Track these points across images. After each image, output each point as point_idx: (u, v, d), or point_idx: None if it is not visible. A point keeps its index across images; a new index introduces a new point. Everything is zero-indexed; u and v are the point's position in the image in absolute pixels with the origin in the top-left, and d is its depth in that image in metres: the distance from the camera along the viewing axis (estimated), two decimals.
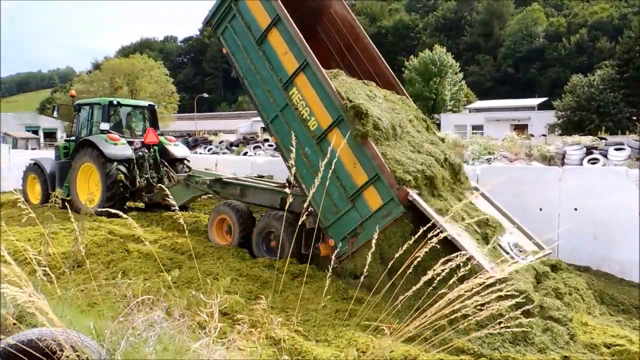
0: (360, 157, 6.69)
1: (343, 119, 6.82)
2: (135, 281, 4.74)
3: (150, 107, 13.22)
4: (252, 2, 7.85)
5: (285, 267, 6.79)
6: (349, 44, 9.48)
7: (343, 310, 5.65)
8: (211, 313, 2.02)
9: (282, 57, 7.58)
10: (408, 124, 7.74)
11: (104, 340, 2.31)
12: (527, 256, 6.37)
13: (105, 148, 11.03)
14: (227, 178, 9.70)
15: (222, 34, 8.50)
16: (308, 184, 7.29)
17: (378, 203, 6.57)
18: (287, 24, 7.36)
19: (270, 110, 7.89)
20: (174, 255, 8.00)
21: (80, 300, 4.07)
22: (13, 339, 1.99)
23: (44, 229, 3.82)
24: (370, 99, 7.50)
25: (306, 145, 7.36)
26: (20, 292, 1.85)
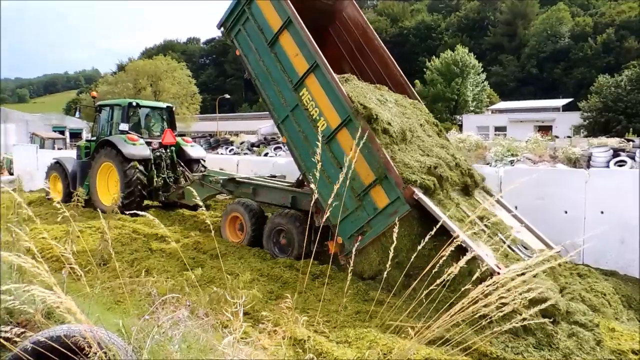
0: (368, 157, 6.76)
1: (351, 119, 6.93)
2: (159, 279, 4.81)
3: (168, 109, 13.54)
4: (264, 4, 8.01)
5: (305, 267, 6.84)
6: (360, 46, 9.59)
7: (364, 311, 5.63)
8: (235, 312, 2.04)
9: (293, 58, 7.75)
10: (419, 128, 7.83)
11: (130, 338, 2.36)
12: (533, 254, 6.23)
13: (124, 148, 11.32)
14: (240, 177, 9.93)
15: (236, 36, 8.68)
16: (318, 182, 6.97)
17: (385, 201, 6.65)
18: (298, 26, 7.52)
19: (281, 111, 8.05)
20: (195, 254, 8.09)
21: (105, 298, 4.15)
22: (42, 335, 2.04)
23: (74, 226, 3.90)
24: (381, 103, 7.61)
25: (315, 144, 7.22)
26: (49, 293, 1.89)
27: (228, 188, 9.89)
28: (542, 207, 8.14)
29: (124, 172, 11.26)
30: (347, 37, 9.76)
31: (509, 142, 18.60)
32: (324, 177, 7.34)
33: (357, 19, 9.63)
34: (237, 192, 9.72)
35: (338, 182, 4.18)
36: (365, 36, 9.60)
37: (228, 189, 9.89)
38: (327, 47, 9.65)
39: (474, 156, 17.06)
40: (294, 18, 7.51)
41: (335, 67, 8.78)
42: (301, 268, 7.17)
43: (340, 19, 9.80)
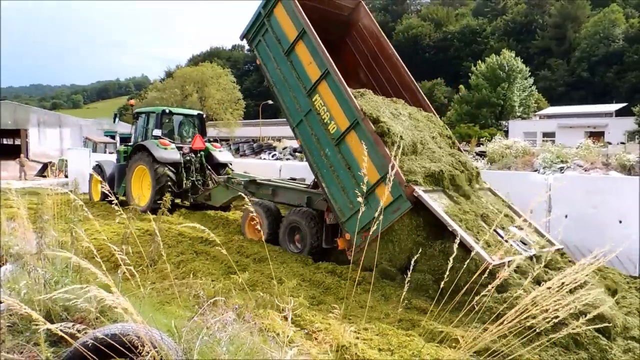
0: (374, 157, 7.17)
1: (359, 122, 7.43)
2: (206, 282, 4.91)
3: (199, 116, 14.29)
4: (282, 17, 8.65)
5: (347, 273, 6.84)
6: (375, 54, 10.08)
7: (406, 319, 5.56)
8: (284, 317, 2.05)
9: (307, 66, 8.32)
10: (430, 141, 8.24)
11: (180, 339, 2.42)
12: (531, 249, 6.78)
13: (156, 152, 12.05)
14: (261, 180, 10.62)
15: (257, 46, 9.38)
16: (328, 182, 8.09)
17: (389, 199, 6.98)
18: (311, 36, 8.10)
19: (296, 115, 8.63)
20: (239, 258, 8.21)
21: (154, 298, 4.27)
22: (100, 332, 2.12)
23: (132, 228, 4.04)
24: (394, 117, 8.09)
25: (326, 147, 8.07)
26: (108, 294, 1.97)
27: (250, 189, 10.48)
28: (595, 216, 7.82)
29: (155, 174, 11.97)
30: (363, 47, 10.26)
31: (558, 149, 17.97)
32: (334, 178, 7.97)
33: (372, 29, 10.11)
34: (258, 194, 10.28)
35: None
36: (380, 45, 10.05)
37: (250, 190, 10.46)
38: (345, 55, 10.44)
39: (521, 163, 16.57)
40: (308, 29, 8.08)
41: (353, 75, 10.23)
42: (342, 274, 7.17)
43: (357, 29, 10.29)
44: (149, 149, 12.25)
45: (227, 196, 11.63)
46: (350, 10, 10.25)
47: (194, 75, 52.62)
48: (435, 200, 6.99)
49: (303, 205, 8.98)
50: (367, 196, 7.19)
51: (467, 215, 6.96)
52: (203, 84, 51.55)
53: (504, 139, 23.02)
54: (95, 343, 2.07)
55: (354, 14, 10.27)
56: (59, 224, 4.28)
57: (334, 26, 10.10)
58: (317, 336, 4.27)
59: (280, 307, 2.45)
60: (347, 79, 9.58)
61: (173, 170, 12.23)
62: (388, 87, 9.92)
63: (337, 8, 10.09)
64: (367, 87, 9.71)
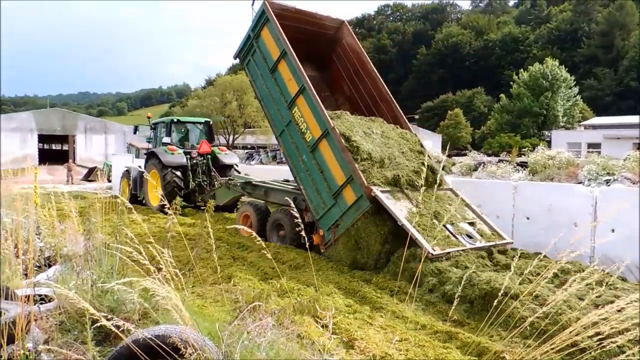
0: (342, 163, 8.31)
1: (329, 131, 8.46)
2: (245, 287, 4.97)
3: (207, 123, 15.71)
4: (267, 39, 9.80)
5: (382, 282, 6.82)
6: (356, 69, 11.15)
7: (443, 331, 5.46)
8: (324, 325, 2.06)
9: (288, 82, 9.41)
10: (399, 156, 9.13)
11: (220, 342, 2.46)
12: (476, 242, 7.81)
13: (163, 157, 13.43)
14: (255, 181, 11.74)
15: (247, 65, 10.53)
16: (305, 184, 9.21)
17: (353, 199, 8.13)
18: (290, 56, 9.17)
19: (279, 125, 9.77)
20: (275, 264, 8.26)
21: (194, 302, 4.36)
22: (146, 332, 2.19)
23: (172, 230, 4.15)
24: (366, 135, 9.06)
25: (304, 153, 9.17)
26: (160, 288, 2.03)
27: (247, 190, 11.66)
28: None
29: (163, 177, 13.19)
30: (347, 63, 11.34)
31: (604, 160, 17.32)
32: (309, 180, 9.07)
33: (354, 47, 11.16)
34: (254, 194, 11.43)
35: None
36: (361, 62, 11.09)
37: (247, 190, 11.66)
38: (332, 71, 11.69)
39: (565, 174, 16.07)
40: (288, 49, 9.18)
41: (338, 88, 11.64)
42: (379, 283, 7.13)
43: (342, 47, 11.38)
44: (157, 155, 13.63)
45: (228, 196, 12.64)
46: (335, 30, 11.29)
47: (233, 83, 53.50)
48: (391, 200, 7.93)
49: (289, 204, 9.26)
50: (335, 197, 8.45)
51: (421, 213, 7.90)
52: (242, 92, 52.32)
53: (547, 150, 22.39)
54: (142, 343, 2.13)
55: (338, 33, 11.32)
56: (105, 226, 4.44)
57: (321, 44, 11.34)
58: (354, 344, 4.27)
59: (318, 314, 2.46)
60: (333, 91, 11.81)
61: (179, 174, 13.41)
62: (369, 100, 11.00)
63: (323, 28, 11.18)
64: (351, 100, 11.34)
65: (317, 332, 3.76)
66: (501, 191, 9.85)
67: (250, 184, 11.63)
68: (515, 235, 9.38)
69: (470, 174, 19.21)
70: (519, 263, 7.55)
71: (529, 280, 6.70)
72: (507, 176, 16.15)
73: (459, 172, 20.48)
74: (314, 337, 3.43)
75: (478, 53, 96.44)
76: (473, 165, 20.28)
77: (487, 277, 6.11)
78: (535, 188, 9.62)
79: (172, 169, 13.36)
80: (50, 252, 4.21)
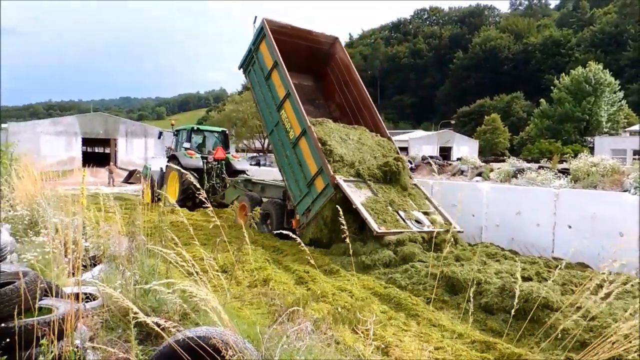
0: (315, 156, 9.93)
1: (306, 130, 10.09)
2: (282, 291, 5.00)
3: (223, 132, 17.53)
4: (264, 51, 11.46)
5: (418, 290, 6.74)
6: (345, 80, 12.87)
7: (481, 341, 5.35)
8: (366, 331, 2.06)
9: (278, 88, 11.04)
10: (370, 159, 10.59)
11: (259, 345, 2.49)
12: (423, 227, 9.19)
13: (182, 160, 15.03)
14: (255, 180, 13.98)
15: (248, 74, 12.34)
16: (287, 176, 10.85)
17: (322, 186, 9.72)
18: (281, 66, 10.76)
19: (270, 126, 11.49)
20: (309, 268, 8.28)
21: (231, 304, 4.42)
22: (188, 332, 2.24)
23: (222, 234, 4.22)
24: (342, 141, 10.64)
25: (287, 149, 10.85)
26: (202, 292, 2.07)
27: (248, 187, 13.58)
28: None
29: (181, 178, 14.50)
30: (339, 75, 13.06)
31: None
32: (290, 172, 10.71)
33: (345, 61, 12.92)
34: (254, 190, 13.23)
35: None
36: (349, 74, 12.76)
37: (248, 188, 13.55)
38: (327, 82, 13.50)
39: (609, 182, 15.51)
40: (279, 60, 10.79)
41: (331, 97, 13.54)
42: (414, 289, 7.05)
43: (335, 60, 13.13)
44: (177, 158, 15.30)
45: (235, 195, 14.07)
46: (329, 45, 13.00)
47: None
48: (353, 188, 9.48)
49: (281, 198, 11.58)
50: (309, 185, 10.07)
51: (377, 200, 9.41)
52: None
53: (590, 156, 21.66)
54: (189, 342, 2.18)
55: (332, 48, 13.04)
56: (146, 227, 4.56)
57: (317, 58, 13.06)
58: (388, 351, 4.23)
59: (356, 320, 2.45)
60: (327, 99, 13.71)
61: (196, 175, 14.60)
62: (355, 108, 12.72)
63: (319, 43, 12.89)
64: (341, 107, 13.10)
65: (352, 338, 3.75)
66: (542, 199, 9.59)
67: (251, 182, 13.78)
68: (556, 244, 9.12)
69: (509, 181, 18.79)
70: (561, 273, 7.35)
71: (571, 291, 6.50)
72: (548, 183, 15.71)
73: (497, 178, 20.05)
74: (350, 342, 3.42)
75: (517, 57, 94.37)
76: (512, 172, 19.83)
77: (527, 287, 5.96)
78: (578, 196, 9.32)
79: (190, 171, 14.42)
80: (95, 252, 4.35)
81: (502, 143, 66.78)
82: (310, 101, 13.45)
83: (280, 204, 11.40)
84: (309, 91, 13.53)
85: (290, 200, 10.79)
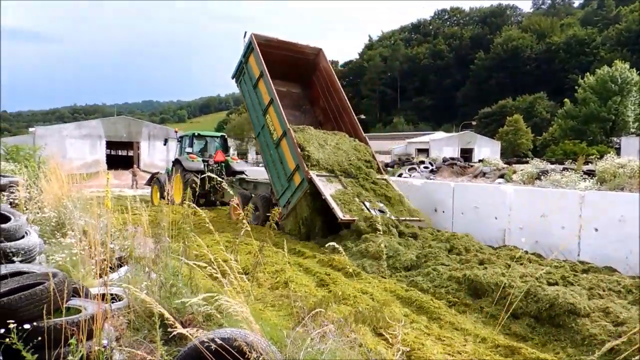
0: (293, 155, 11.48)
1: (286, 132, 11.72)
2: (302, 293, 5.01)
3: (222, 137, 19.15)
4: (252, 62, 13.04)
5: (440, 294, 6.68)
6: (328, 87, 14.43)
7: (505, 345, 5.27)
8: (394, 335, 2.05)
9: (264, 95, 12.68)
10: (345, 162, 12.03)
11: (283, 347, 2.49)
12: (386, 215, 10.61)
13: (185, 163, 16.42)
14: (248, 179, 15.70)
15: (240, 84, 13.99)
16: (271, 173, 12.54)
17: (299, 181, 11.28)
18: (266, 76, 12.38)
19: (257, 128, 13.21)
20: (330, 271, 8.29)
21: (252, 306, 4.44)
22: (213, 334, 2.26)
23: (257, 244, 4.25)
24: (320, 147, 12.04)
25: (271, 149, 12.51)
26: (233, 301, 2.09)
27: (243, 186, 14.91)
28: None
29: (184, 179, 15.71)
30: (323, 83, 14.60)
31: None
32: (274, 169, 12.34)
33: (327, 69, 14.55)
34: (248, 188, 14.63)
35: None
36: (332, 82, 14.36)
37: (243, 186, 14.88)
38: (312, 90, 15.12)
39: (637, 184, 15.14)
40: (265, 71, 12.43)
41: (316, 102, 15.15)
42: (436, 293, 6.99)
43: (319, 69, 14.68)
44: (180, 162, 16.71)
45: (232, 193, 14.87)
46: (314, 56, 14.57)
47: None
48: (324, 182, 10.94)
49: (267, 193, 13.34)
50: (289, 180, 11.59)
51: (346, 193, 10.89)
52: None
53: (616, 157, 21.18)
54: (208, 345, 2.20)
55: (316, 58, 14.60)
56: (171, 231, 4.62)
57: (304, 67, 14.59)
58: (411, 354, 4.20)
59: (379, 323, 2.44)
60: (313, 105, 15.32)
61: (197, 177, 15.50)
62: (336, 113, 14.27)
63: (304, 54, 14.48)
64: (325, 112, 14.73)
65: (374, 341, 3.74)
66: (567, 201, 9.42)
67: (245, 181, 15.35)
68: (582, 247, 8.94)
69: (532, 182, 18.50)
70: (587, 277, 7.21)
71: (598, 296, 6.36)
72: (573, 185, 15.41)
73: (520, 179, 19.76)
74: (372, 345, 3.40)
75: (540, 57, 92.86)
76: (535, 173, 19.51)
77: (553, 291, 5.86)
78: (605, 198, 9.12)
79: (192, 173, 15.91)
80: (121, 253, 4.43)
81: (524, 144, 65.76)
82: (297, 107, 15.15)
83: (266, 198, 13.06)
84: (296, 98, 15.26)
85: (274, 195, 12.48)
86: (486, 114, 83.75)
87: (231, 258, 2.83)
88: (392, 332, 2.11)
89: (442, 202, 12.10)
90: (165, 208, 4.52)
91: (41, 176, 7.48)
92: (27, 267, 3.74)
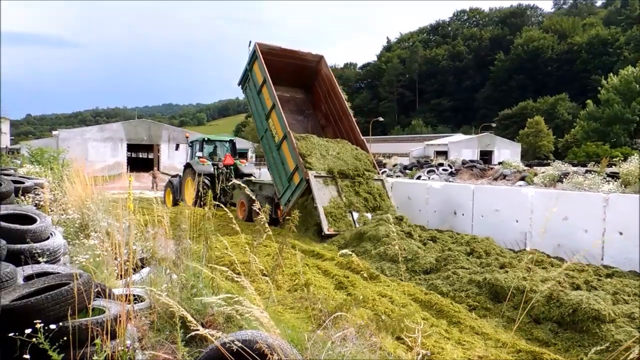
0: (293, 156, 12.23)
1: (286, 134, 12.47)
2: (322, 296, 5.00)
3: (231, 141, 19.87)
4: (256, 70, 13.84)
5: (460, 298, 6.61)
6: (329, 93, 15.13)
7: (526, 350, 5.20)
8: (414, 339, 2.04)
9: (266, 100, 13.46)
10: (346, 170, 12.54)
11: (303, 351, 2.50)
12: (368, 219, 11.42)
13: (196, 167, 16.97)
14: (254, 180, 16.55)
15: (245, 90, 14.99)
16: (274, 174, 13.38)
17: (298, 180, 12.04)
18: (268, 82, 13.15)
19: (260, 132, 14.13)
20: (349, 273, 8.27)
21: (272, 308, 4.46)
22: (234, 336, 2.27)
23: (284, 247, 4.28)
24: (322, 156, 12.61)
25: (273, 151, 13.30)
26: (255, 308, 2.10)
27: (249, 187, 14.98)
28: None
29: (195, 182, 16.00)
30: (324, 88, 15.34)
31: None
32: (276, 170, 13.15)
33: (329, 76, 15.17)
34: (254, 190, 15.00)
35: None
36: (332, 88, 15.02)
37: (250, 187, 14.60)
38: (315, 95, 15.94)
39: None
40: (267, 78, 13.20)
41: (318, 107, 15.97)
42: (456, 297, 6.92)
43: (321, 76, 15.42)
44: (191, 165, 17.36)
45: (239, 194, 15.75)
46: (316, 63, 15.39)
47: None
48: (320, 184, 11.74)
49: (271, 193, 13.98)
50: (289, 180, 12.40)
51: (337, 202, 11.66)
52: None
53: None
54: (229, 347, 2.22)
55: (318, 65, 15.40)
56: (192, 233, 4.67)
57: (306, 74, 15.44)
58: (431, 358, 4.16)
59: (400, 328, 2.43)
60: (315, 109, 16.15)
61: (208, 179, 16.43)
62: (337, 117, 14.98)
63: (306, 61, 15.26)
64: (326, 117, 15.60)
65: (394, 345, 3.72)
66: (590, 204, 9.25)
67: (251, 182, 15.93)
68: (605, 251, 8.77)
69: (554, 185, 18.20)
70: (612, 282, 7.07)
71: (623, 301, 6.23)
72: (596, 188, 15.12)
73: (541, 182, 19.46)
74: (392, 349, 3.39)
75: (561, 57, 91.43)
76: (557, 176, 19.19)
77: (576, 296, 5.76)
78: (630, 201, 8.93)
79: (203, 175, 16.21)
80: (143, 255, 4.49)
81: (546, 146, 64.78)
82: (300, 111, 15.96)
83: (270, 198, 13.75)
84: (299, 102, 16.04)
85: (276, 195, 13.26)
86: (506, 115, 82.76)
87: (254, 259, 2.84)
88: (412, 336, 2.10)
89: (461, 204, 11.99)
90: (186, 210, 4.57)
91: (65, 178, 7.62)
92: (53, 268, 3.82)
